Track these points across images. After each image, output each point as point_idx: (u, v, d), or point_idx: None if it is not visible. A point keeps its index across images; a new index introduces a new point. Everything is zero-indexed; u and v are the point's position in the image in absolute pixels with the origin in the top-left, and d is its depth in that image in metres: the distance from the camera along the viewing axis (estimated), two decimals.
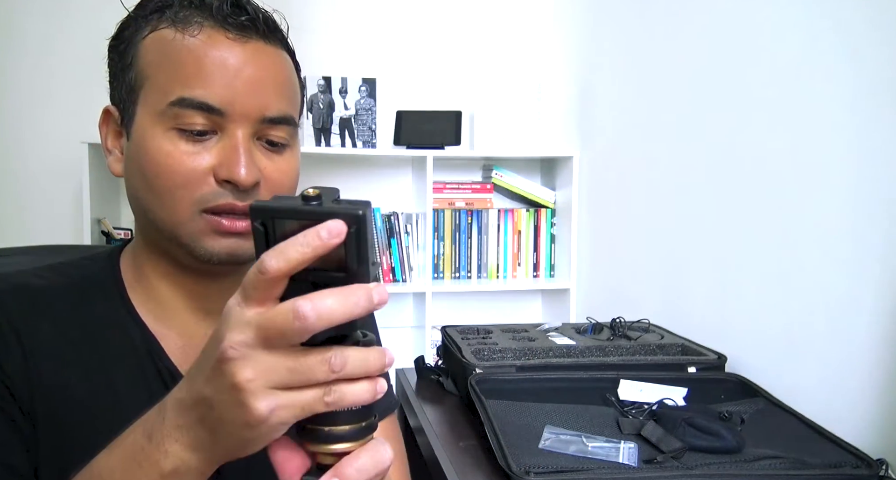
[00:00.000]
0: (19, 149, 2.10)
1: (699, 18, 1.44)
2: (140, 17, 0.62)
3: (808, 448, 0.83)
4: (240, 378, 0.37)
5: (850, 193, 1.01)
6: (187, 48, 0.58)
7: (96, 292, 0.64)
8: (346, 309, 0.37)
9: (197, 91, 0.57)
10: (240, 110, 0.58)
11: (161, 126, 0.59)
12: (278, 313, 0.37)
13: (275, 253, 0.37)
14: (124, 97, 0.63)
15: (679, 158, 1.51)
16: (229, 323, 0.39)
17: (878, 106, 0.96)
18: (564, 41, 2.29)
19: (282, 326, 0.37)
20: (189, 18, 0.59)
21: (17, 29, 2.08)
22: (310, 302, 0.36)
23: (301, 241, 0.37)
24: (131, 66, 0.61)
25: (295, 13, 2.26)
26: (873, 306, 0.95)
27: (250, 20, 0.59)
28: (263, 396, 0.37)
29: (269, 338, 0.37)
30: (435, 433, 0.98)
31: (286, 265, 0.37)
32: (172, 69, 0.58)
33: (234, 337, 0.38)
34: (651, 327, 1.31)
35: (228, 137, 0.59)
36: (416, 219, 2.25)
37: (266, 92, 0.59)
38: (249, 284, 0.38)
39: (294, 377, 0.38)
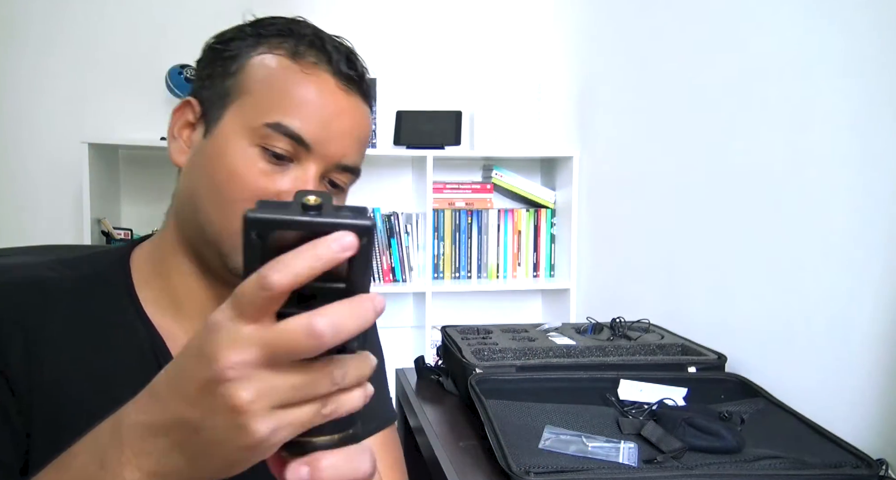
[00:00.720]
0: (19, 149, 2.10)
1: (699, 18, 1.44)
2: (258, 36, 0.65)
3: (808, 448, 0.83)
4: (240, 400, 0.35)
5: (850, 193, 1.01)
6: (298, 82, 0.62)
7: (104, 288, 0.65)
8: (358, 322, 0.35)
9: (295, 122, 0.61)
10: (323, 151, 0.62)
11: (247, 139, 0.62)
12: (289, 330, 0.35)
13: (279, 266, 0.34)
14: (213, 99, 0.65)
15: (679, 158, 1.51)
16: (220, 340, 0.35)
17: (878, 105, 0.96)
18: (564, 41, 2.29)
19: (293, 344, 0.34)
20: (307, 55, 0.63)
21: (18, 29, 2.08)
22: (326, 318, 0.34)
23: (310, 254, 0.34)
24: (234, 75, 0.64)
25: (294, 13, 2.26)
26: (873, 306, 0.95)
27: (358, 76, 0.65)
28: (265, 417, 0.35)
29: (275, 357, 0.35)
30: (435, 433, 0.98)
31: (293, 279, 0.34)
32: (278, 95, 0.62)
33: (233, 356, 0.35)
34: (651, 327, 1.31)
35: (303, 170, 0.62)
36: (416, 219, 2.25)
37: (350, 142, 0.64)
38: (247, 299, 0.35)
39: (296, 394, 0.36)
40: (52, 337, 0.59)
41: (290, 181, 0.62)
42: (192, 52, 2.37)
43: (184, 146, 0.67)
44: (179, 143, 0.68)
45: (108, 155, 2.08)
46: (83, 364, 0.60)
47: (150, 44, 2.16)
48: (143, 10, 2.15)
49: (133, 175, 2.19)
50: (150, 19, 2.16)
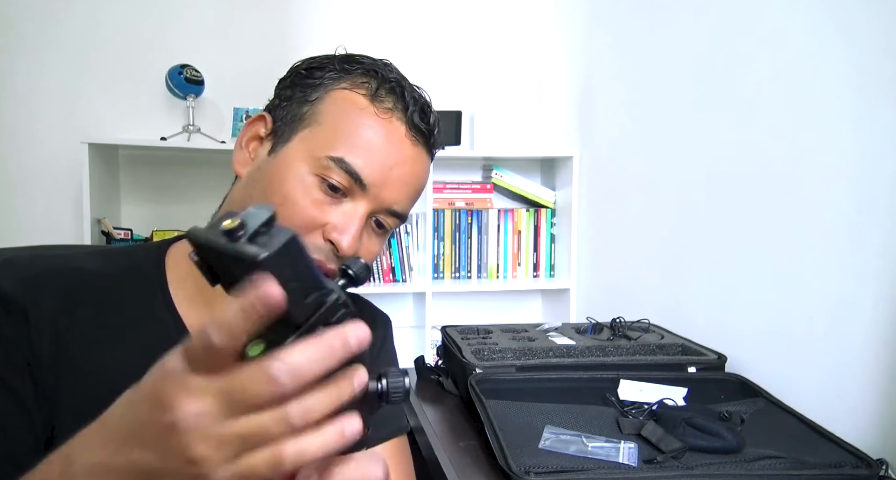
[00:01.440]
0: (19, 150, 2.10)
1: (699, 18, 1.44)
2: (344, 70, 0.67)
3: (808, 448, 0.83)
4: (197, 453, 0.33)
5: (850, 193, 1.01)
6: (371, 124, 0.64)
7: (138, 282, 0.66)
8: (324, 364, 0.34)
9: (357, 161, 0.63)
10: (377, 193, 0.64)
11: (308, 166, 0.63)
12: (245, 379, 0.33)
13: (217, 327, 0.33)
14: (287, 120, 0.67)
15: (679, 158, 1.51)
16: (174, 387, 0.34)
17: (879, 106, 0.96)
18: (564, 41, 2.29)
19: (250, 393, 0.33)
20: (386, 100, 0.65)
21: (18, 29, 2.08)
22: (282, 363, 0.33)
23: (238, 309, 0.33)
24: (312, 103, 0.66)
25: (294, 13, 2.26)
26: (873, 306, 0.95)
27: (429, 131, 0.67)
28: (224, 467, 0.34)
29: (232, 405, 0.33)
30: (435, 433, 0.98)
31: (232, 342, 0.33)
32: (349, 131, 0.64)
33: (187, 406, 0.33)
34: (651, 327, 1.31)
35: (353, 206, 0.64)
36: (416, 219, 2.25)
37: (405, 191, 0.66)
38: (196, 354, 0.34)
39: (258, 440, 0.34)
40: (85, 327, 0.61)
41: (339, 215, 0.63)
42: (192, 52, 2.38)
43: (248, 158, 0.69)
44: (245, 154, 0.69)
45: (108, 155, 2.08)
46: (113, 354, 0.61)
47: (150, 44, 2.16)
48: (143, 9, 2.15)
49: (133, 175, 2.19)
50: (149, 19, 2.16)
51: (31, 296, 0.59)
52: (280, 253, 0.33)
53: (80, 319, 0.61)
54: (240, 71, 2.19)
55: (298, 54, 0.71)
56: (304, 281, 0.35)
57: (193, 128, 2.08)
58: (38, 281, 0.61)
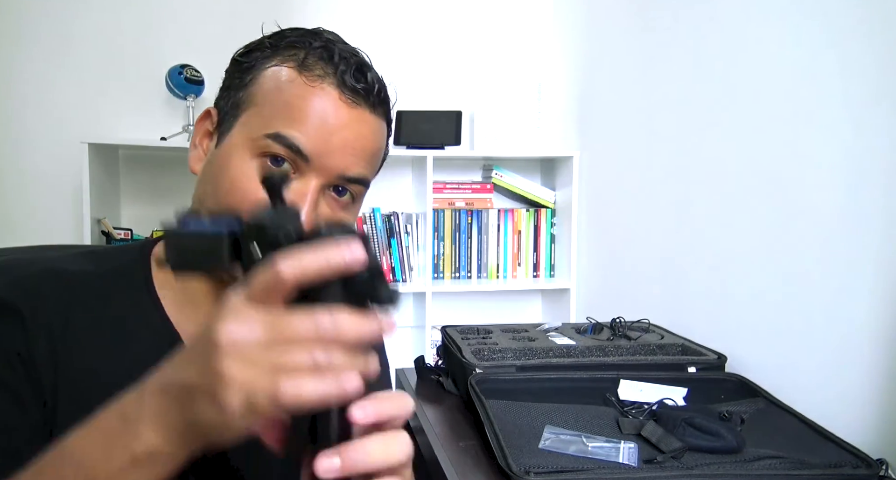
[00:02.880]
0: (19, 149, 2.10)
1: (699, 18, 1.44)
2: (272, 47, 0.66)
3: (808, 448, 0.83)
4: (226, 370, 0.37)
5: (849, 193, 1.01)
6: (301, 93, 0.62)
7: (125, 284, 0.66)
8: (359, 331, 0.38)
9: (294, 133, 0.61)
10: (324, 163, 0.62)
11: (250, 151, 0.62)
12: (294, 319, 0.38)
13: (290, 260, 0.38)
14: (228, 109, 0.66)
15: (679, 158, 1.51)
16: (226, 313, 0.39)
17: (876, 106, 0.96)
18: (564, 41, 2.29)
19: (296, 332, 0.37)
20: (314, 67, 0.63)
21: (17, 30, 2.08)
22: (330, 316, 0.38)
23: (320, 256, 0.38)
24: (247, 86, 0.65)
25: (294, 13, 2.26)
26: (873, 306, 0.95)
27: (365, 90, 0.64)
28: (238, 393, 0.37)
29: (271, 341, 0.38)
30: (435, 433, 0.98)
31: (302, 275, 0.38)
32: (281, 106, 0.62)
33: (237, 330, 0.38)
34: (651, 327, 1.31)
35: (303, 182, 0.63)
36: (416, 219, 2.25)
37: (354, 155, 0.64)
38: (259, 285, 0.38)
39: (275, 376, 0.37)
40: (76, 329, 0.61)
41: (289, 193, 0.62)
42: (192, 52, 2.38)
43: (202, 154, 0.69)
44: (198, 152, 0.69)
45: (108, 155, 2.08)
46: (106, 356, 0.61)
47: (150, 44, 2.16)
48: (144, 9, 2.15)
49: (133, 175, 2.19)
50: (150, 19, 2.16)
51: (25, 299, 0.60)
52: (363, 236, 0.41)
53: (72, 320, 0.61)
54: None
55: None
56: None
57: (193, 128, 2.08)
58: (31, 284, 0.61)
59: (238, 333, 0.38)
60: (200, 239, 0.42)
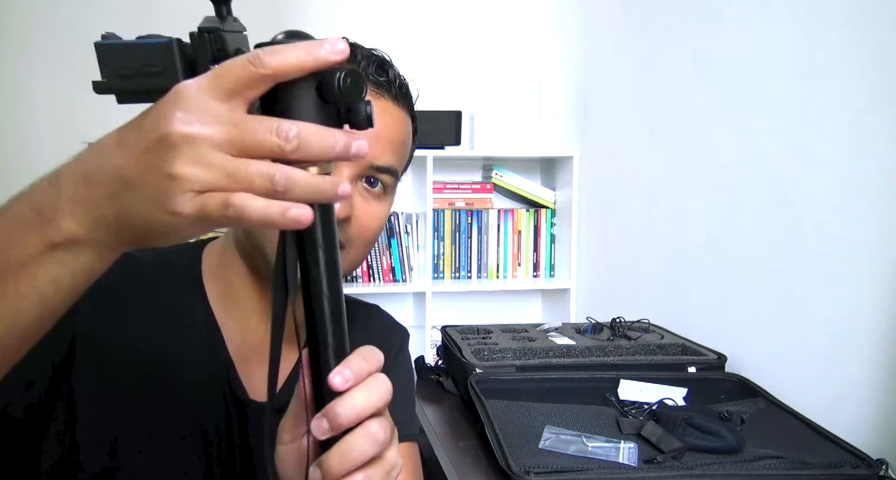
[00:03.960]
0: (20, 149, 2.10)
1: (699, 18, 1.44)
2: None
3: (808, 448, 0.83)
4: (180, 171, 0.34)
5: (849, 194, 1.01)
6: None
7: (177, 275, 0.69)
8: (328, 146, 0.36)
9: None
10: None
11: None
12: (259, 122, 0.34)
13: (273, 50, 0.34)
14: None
15: (679, 158, 1.51)
16: (187, 106, 0.34)
17: (878, 107, 0.96)
18: (564, 41, 2.29)
19: (257, 139, 0.34)
20: None
21: (19, 29, 2.08)
22: (294, 126, 0.34)
23: (304, 48, 0.35)
24: None
25: (294, 13, 2.26)
26: (873, 306, 0.95)
27: (387, 82, 0.67)
28: (193, 197, 0.34)
29: (230, 142, 0.34)
30: (435, 433, 0.98)
31: (282, 65, 0.34)
32: None
33: (194, 125, 0.34)
34: (651, 327, 1.31)
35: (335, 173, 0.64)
36: (416, 219, 2.25)
37: (381, 144, 0.66)
38: (229, 72, 0.35)
39: (231, 184, 0.34)
40: (125, 311, 0.63)
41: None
42: None
43: None
44: None
45: None
46: (148, 342, 0.63)
47: None
48: (144, 9, 2.15)
49: None
50: (150, 19, 2.16)
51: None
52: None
53: (124, 301, 0.64)
54: None
55: None
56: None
57: None
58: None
59: (195, 127, 0.34)
60: (144, 50, 0.36)
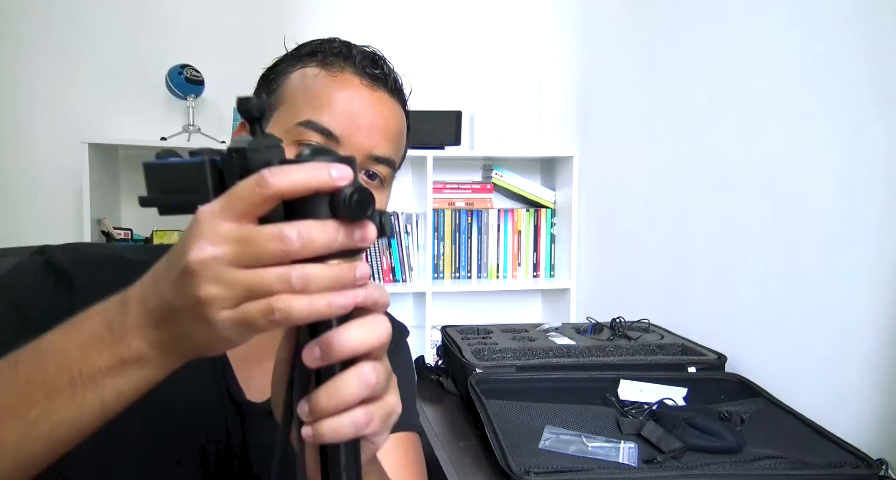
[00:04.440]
0: (19, 149, 2.10)
1: (699, 18, 1.44)
2: (294, 57, 0.72)
3: (808, 448, 0.83)
4: (204, 293, 0.37)
5: (849, 194, 1.01)
6: (325, 83, 0.68)
7: None
8: (329, 239, 0.38)
9: (323, 118, 0.66)
10: (353, 143, 0.66)
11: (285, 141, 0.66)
12: (261, 233, 0.37)
13: (279, 172, 0.37)
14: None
15: (679, 158, 1.51)
16: (199, 232, 0.38)
17: (879, 107, 0.96)
18: (564, 41, 2.29)
19: (263, 248, 0.37)
20: (335, 62, 0.69)
21: (18, 29, 2.08)
22: (295, 228, 0.37)
23: (308, 171, 0.37)
24: (275, 91, 0.70)
25: (295, 13, 2.26)
26: (873, 306, 0.95)
27: (383, 75, 0.70)
28: (227, 311, 0.38)
29: (240, 257, 0.37)
30: (435, 433, 0.98)
31: (289, 187, 0.37)
32: (308, 97, 0.67)
33: (206, 249, 0.37)
34: (651, 327, 1.31)
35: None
36: (416, 219, 2.25)
37: (379, 134, 0.68)
38: (238, 195, 0.38)
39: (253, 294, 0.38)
40: None
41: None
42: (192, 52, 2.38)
43: None
44: None
45: (108, 155, 2.08)
46: None
47: (151, 44, 2.16)
48: (144, 9, 2.15)
49: (133, 175, 2.19)
50: (150, 19, 2.16)
51: (81, 273, 0.64)
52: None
53: None
54: (240, 71, 2.19)
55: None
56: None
57: (193, 128, 2.08)
58: (92, 264, 0.66)
59: (207, 252, 0.37)
60: (181, 170, 0.40)
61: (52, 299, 0.62)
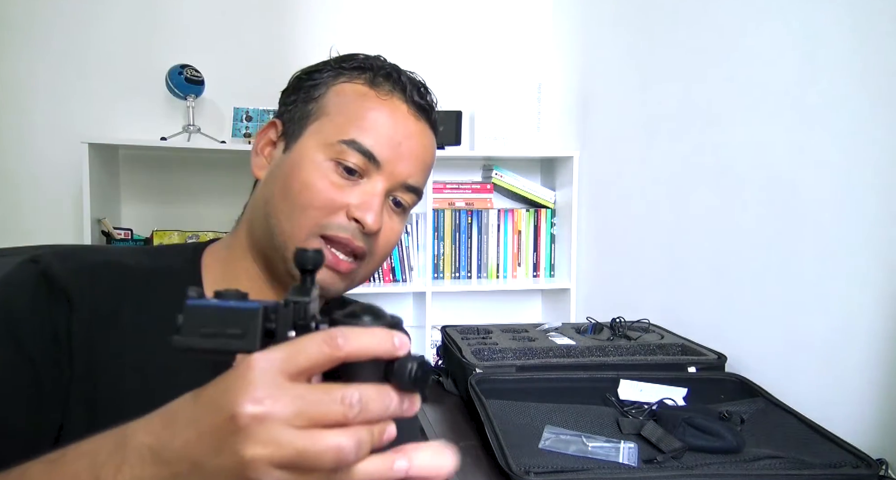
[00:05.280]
0: (19, 149, 2.10)
1: (699, 18, 1.44)
2: (340, 68, 0.72)
3: (808, 448, 0.83)
4: (252, 454, 0.34)
5: (850, 194, 1.01)
6: (374, 106, 0.68)
7: (175, 281, 0.68)
8: (385, 407, 0.37)
9: (368, 140, 0.66)
10: (391, 168, 0.68)
11: (323, 154, 0.67)
12: (326, 394, 0.35)
13: (350, 336, 0.36)
14: (296, 119, 0.71)
15: (679, 158, 1.51)
16: (256, 381, 0.35)
17: (880, 108, 0.96)
18: (564, 41, 2.29)
19: (323, 409, 0.35)
20: (384, 84, 0.70)
21: (18, 29, 2.07)
22: (357, 392, 0.35)
23: (376, 338, 0.37)
24: (316, 100, 0.70)
25: (294, 12, 2.26)
26: (873, 306, 0.95)
27: (429, 106, 0.72)
28: (271, 470, 0.34)
29: (299, 417, 0.34)
30: (435, 433, 0.98)
31: (357, 352, 0.36)
32: (355, 115, 0.68)
33: (263, 403, 0.34)
34: (651, 327, 1.31)
35: (371, 185, 0.68)
36: (416, 219, 2.25)
37: (417, 164, 0.70)
38: (304, 351, 0.36)
39: (303, 461, 0.35)
40: (124, 321, 0.63)
41: (358, 195, 0.67)
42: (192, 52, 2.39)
43: (265, 162, 0.73)
44: (261, 159, 0.73)
45: (108, 155, 2.08)
46: (149, 351, 0.63)
47: (151, 44, 2.16)
48: (144, 9, 2.15)
49: (133, 175, 2.19)
50: (150, 19, 2.16)
51: (78, 284, 0.62)
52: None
53: (121, 310, 0.64)
54: (240, 71, 2.19)
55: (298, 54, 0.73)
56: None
57: (193, 128, 2.08)
58: (88, 272, 0.64)
59: (264, 406, 0.34)
60: (228, 314, 0.37)
61: (45, 315, 0.60)
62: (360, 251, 0.67)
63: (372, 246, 0.68)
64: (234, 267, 0.71)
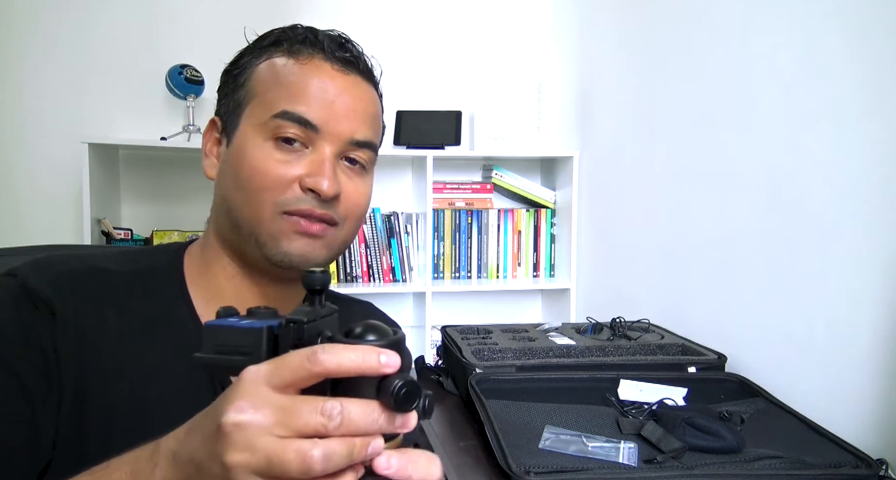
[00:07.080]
0: (19, 149, 2.10)
1: (699, 18, 1.44)
2: (258, 48, 0.71)
3: (808, 448, 0.83)
4: (232, 459, 0.36)
5: (850, 193, 1.01)
6: (296, 72, 0.67)
7: (160, 284, 0.69)
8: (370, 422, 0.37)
9: (299, 107, 0.65)
10: (332, 130, 0.66)
11: (261, 136, 0.66)
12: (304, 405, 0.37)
13: (331, 352, 0.37)
14: (230, 111, 0.70)
15: (679, 158, 1.51)
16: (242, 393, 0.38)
17: (881, 107, 0.96)
18: (564, 41, 2.29)
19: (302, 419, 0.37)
20: (302, 50, 0.68)
21: (17, 29, 2.07)
22: (338, 404, 0.37)
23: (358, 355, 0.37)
24: (243, 86, 0.69)
25: (294, 12, 2.26)
26: (873, 306, 0.95)
27: (353, 57, 0.69)
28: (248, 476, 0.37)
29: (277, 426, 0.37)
30: (435, 433, 0.98)
31: (336, 368, 0.37)
32: (280, 88, 0.66)
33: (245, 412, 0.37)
34: (651, 327, 1.31)
35: (317, 152, 0.66)
36: (416, 219, 2.25)
37: (357, 118, 0.68)
38: (287, 365, 0.38)
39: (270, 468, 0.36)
40: (109, 328, 0.63)
41: (305, 165, 0.65)
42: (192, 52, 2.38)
43: (214, 161, 0.72)
44: (211, 159, 0.73)
45: (108, 155, 2.08)
46: (137, 355, 0.63)
47: (150, 44, 2.16)
48: (144, 9, 2.15)
49: (133, 175, 2.19)
50: (150, 19, 2.16)
51: (60, 294, 0.62)
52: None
53: (107, 317, 0.63)
54: None
55: None
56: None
57: (193, 128, 2.08)
58: (68, 281, 0.64)
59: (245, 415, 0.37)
60: (238, 333, 0.42)
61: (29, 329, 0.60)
62: (328, 217, 0.66)
63: (338, 210, 0.67)
64: (212, 266, 0.71)
